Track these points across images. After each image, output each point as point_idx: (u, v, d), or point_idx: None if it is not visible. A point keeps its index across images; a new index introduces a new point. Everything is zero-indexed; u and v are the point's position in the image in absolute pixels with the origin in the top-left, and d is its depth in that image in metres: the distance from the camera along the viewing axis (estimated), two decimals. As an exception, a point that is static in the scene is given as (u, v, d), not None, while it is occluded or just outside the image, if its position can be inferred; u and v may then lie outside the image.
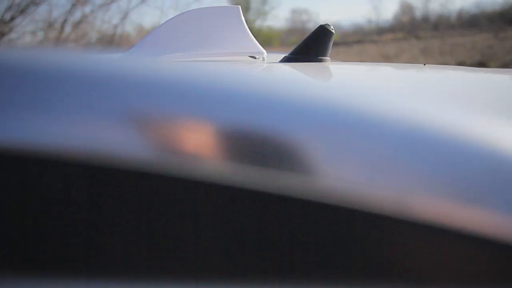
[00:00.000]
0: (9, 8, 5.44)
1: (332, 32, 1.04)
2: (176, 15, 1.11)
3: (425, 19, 32.37)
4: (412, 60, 14.90)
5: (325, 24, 1.03)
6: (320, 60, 1.04)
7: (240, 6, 1.12)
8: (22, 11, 5.48)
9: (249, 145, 0.48)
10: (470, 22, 27.72)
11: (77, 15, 5.78)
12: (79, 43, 6.63)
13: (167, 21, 1.09)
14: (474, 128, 0.50)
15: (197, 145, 0.48)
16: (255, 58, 1.16)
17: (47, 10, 5.86)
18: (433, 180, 0.43)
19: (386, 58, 16.22)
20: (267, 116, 0.50)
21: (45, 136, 0.48)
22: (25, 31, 5.69)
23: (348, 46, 25.16)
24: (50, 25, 5.67)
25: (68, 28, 5.90)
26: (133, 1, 6.08)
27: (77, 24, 5.85)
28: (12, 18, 5.53)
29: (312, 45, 1.04)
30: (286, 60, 1.07)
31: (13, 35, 5.64)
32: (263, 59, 1.14)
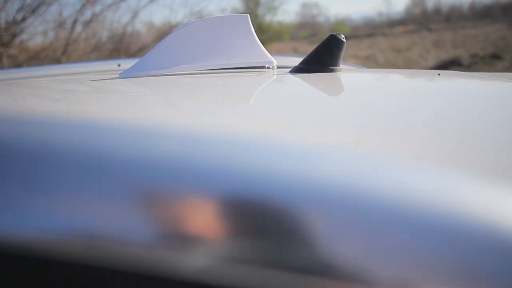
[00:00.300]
0: (20, 8, 5.47)
1: (343, 42, 1.02)
2: (183, 26, 1.09)
3: (437, 10, 32.07)
4: (424, 53, 14.75)
5: (336, 33, 1.01)
6: (332, 70, 1.02)
7: (248, 15, 1.10)
8: (33, 11, 5.51)
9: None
10: (483, 13, 27.40)
11: (88, 14, 5.81)
12: (89, 42, 6.67)
13: (174, 32, 1.08)
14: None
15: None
16: (265, 67, 1.14)
17: (57, 10, 5.88)
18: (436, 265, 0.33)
19: (397, 52, 16.08)
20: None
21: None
22: (36, 31, 5.73)
23: (359, 39, 24.98)
24: (60, 24, 5.70)
25: (78, 28, 5.93)
26: (142, 0, 6.09)
27: (87, 24, 5.87)
28: (24, 19, 5.56)
29: (323, 55, 1.02)
30: (296, 70, 1.04)
31: (24, 35, 5.68)
32: (273, 68, 1.11)
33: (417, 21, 29.55)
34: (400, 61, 13.70)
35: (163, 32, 7.03)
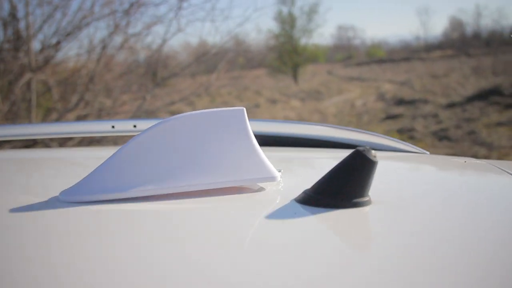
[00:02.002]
0: (55, 32, 5.53)
1: (374, 162, 0.70)
2: (155, 125, 0.80)
3: (476, 35, 31.49)
4: (463, 80, 14.36)
5: (364, 148, 0.71)
6: (356, 205, 0.70)
7: (244, 109, 0.83)
8: (68, 35, 5.56)
9: None
10: (525, 39, 26.70)
11: (118, 40, 5.82)
12: (121, 66, 6.69)
13: (141, 134, 0.79)
14: None
15: None
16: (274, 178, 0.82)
17: (88, 35, 5.92)
18: None
19: (435, 77, 15.74)
20: None
21: None
22: (68, 56, 5.77)
23: (395, 63, 24.73)
24: (91, 49, 5.73)
25: (110, 51, 5.95)
26: (171, 28, 6.09)
27: (118, 49, 5.88)
28: (58, 42, 5.61)
29: (344, 180, 0.71)
30: (305, 200, 0.73)
31: (57, 58, 5.73)
32: (279, 181, 0.84)
33: (455, 46, 29.06)
34: (437, 87, 13.36)
35: (200, 53, 7.00)
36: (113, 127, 1.45)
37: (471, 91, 11.62)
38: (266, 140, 1.49)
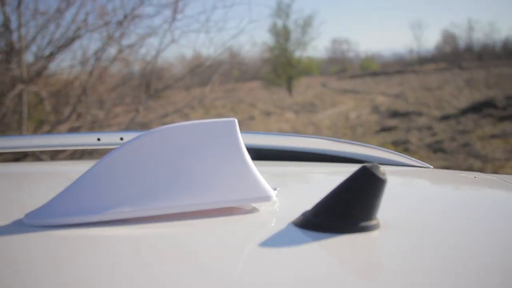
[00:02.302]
0: (48, 44, 5.49)
1: (384, 180, 0.61)
2: (136, 138, 0.70)
3: (469, 49, 31.79)
4: (456, 92, 14.43)
5: (372, 165, 0.62)
6: (364, 229, 0.62)
7: (236, 120, 0.74)
8: (61, 47, 5.52)
9: None
10: (517, 52, 26.96)
11: (111, 51, 5.79)
12: (115, 77, 6.65)
13: (118, 149, 0.70)
14: None
15: None
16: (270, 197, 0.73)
17: (84, 46, 5.89)
18: None
19: (428, 90, 15.80)
20: None
21: None
22: (60, 68, 5.73)
23: (389, 76, 24.87)
24: (86, 60, 5.70)
25: (104, 63, 5.91)
26: (166, 38, 6.06)
27: (112, 60, 5.85)
28: (52, 54, 5.58)
29: (349, 201, 0.62)
30: (304, 224, 0.64)
31: (50, 70, 5.69)
32: (275, 199, 0.74)
33: (448, 59, 29.28)
34: (431, 100, 13.41)
35: (194, 65, 6.99)
36: (98, 139, 1.38)
37: (464, 104, 11.66)
38: (260, 154, 1.41)
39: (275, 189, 0.77)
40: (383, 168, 0.62)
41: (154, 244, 0.59)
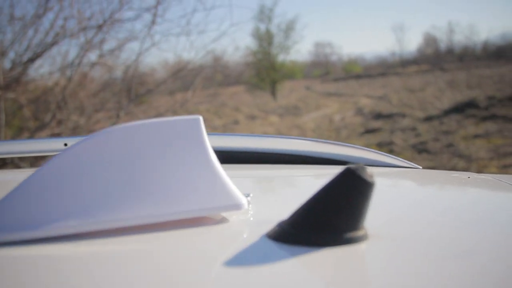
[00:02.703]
0: (26, 49, 5.39)
1: (371, 183, 0.53)
2: (88, 138, 0.62)
3: (450, 51, 32.20)
4: (439, 93, 14.55)
5: (357, 167, 0.54)
6: (349, 241, 0.53)
7: (201, 118, 0.66)
8: (40, 53, 5.43)
9: None
10: (496, 54, 27.39)
11: (92, 57, 5.72)
12: (96, 83, 6.57)
13: (65, 151, 0.60)
14: None
15: None
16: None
17: (64, 52, 5.79)
18: None
19: (411, 91, 15.92)
20: None
21: None
22: (42, 72, 5.64)
23: (372, 78, 25.04)
24: (65, 66, 5.60)
25: (85, 69, 5.83)
26: (146, 42, 6.00)
27: (92, 66, 5.77)
28: (30, 60, 5.48)
29: (332, 208, 0.53)
30: (280, 236, 0.55)
31: (29, 76, 5.59)
32: (246, 207, 0.65)
33: (430, 61, 29.60)
34: (414, 101, 13.50)
35: (176, 70, 6.93)
36: (65, 144, 1.29)
37: (447, 105, 11.76)
38: (233, 157, 1.31)
39: (247, 195, 0.68)
40: (370, 169, 0.54)
41: (107, 263, 0.50)
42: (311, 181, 1.04)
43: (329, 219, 0.53)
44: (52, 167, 0.59)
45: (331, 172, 0.55)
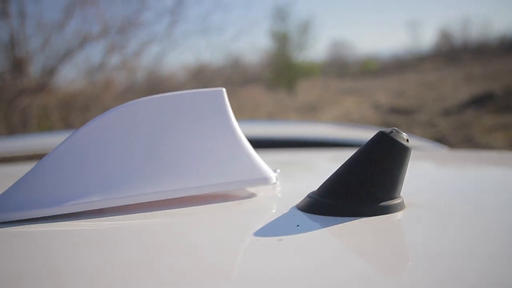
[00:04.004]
0: (53, 55, 5.57)
1: (408, 148, 0.49)
2: (109, 111, 0.59)
3: (465, 46, 31.81)
4: (456, 88, 14.49)
5: (391, 130, 0.50)
6: (385, 210, 0.49)
7: (224, 89, 0.64)
8: (62, 60, 5.59)
9: None
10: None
11: (115, 60, 5.88)
12: (120, 86, 6.75)
13: (86, 125, 0.58)
14: None
15: None
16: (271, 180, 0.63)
17: (86, 57, 5.98)
18: None
19: (428, 86, 15.87)
20: None
21: None
22: (67, 79, 5.83)
23: (389, 74, 24.88)
24: (89, 72, 5.78)
25: (108, 73, 6.00)
26: (167, 43, 6.14)
27: (117, 69, 5.94)
28: (57, 64, 5.66)
29: (365, 175, 0.48)
30: (309, 207, 0.51)
31: (54, 83, 5.77)
32: (275, 181, 0.62)
33: (446, 57, 29.33)
34: (431, 96, 13.47)
35: (195, 73, 7.08)
36: None
37: (464, 98, 11.72)
38: (256, 143, 1.35)
39: (275, 171, 0.65)
40: (406, 134, 0.51)
41: (133, 240, 0.47)
42: (334, 163, 1.01)
43: (363, 186, 0.49)
44: (72, 141, 0.57)
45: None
